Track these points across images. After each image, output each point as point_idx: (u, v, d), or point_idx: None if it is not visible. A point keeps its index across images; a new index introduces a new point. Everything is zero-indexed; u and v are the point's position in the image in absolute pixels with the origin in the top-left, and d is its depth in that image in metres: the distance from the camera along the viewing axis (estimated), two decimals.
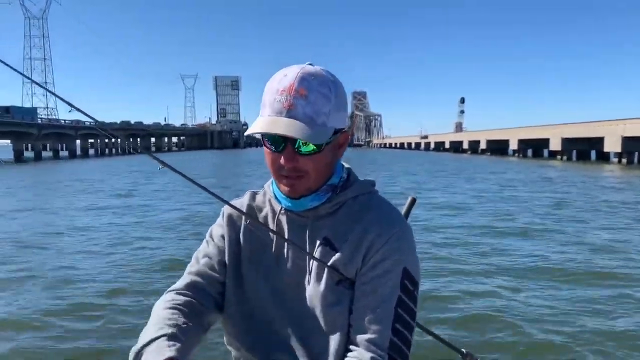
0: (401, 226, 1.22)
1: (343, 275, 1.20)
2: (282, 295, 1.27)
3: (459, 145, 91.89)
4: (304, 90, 1.13)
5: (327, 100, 1.15)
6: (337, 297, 1.20)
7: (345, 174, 1.31)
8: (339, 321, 1.20)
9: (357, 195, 1.28)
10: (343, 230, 1.23)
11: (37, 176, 33.78)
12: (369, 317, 1.16)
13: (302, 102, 1.12)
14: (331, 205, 1.26)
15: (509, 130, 69.38)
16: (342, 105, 1.19)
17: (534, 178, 28.29)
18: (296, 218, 1.28)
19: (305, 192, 1.23)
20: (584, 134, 48.47)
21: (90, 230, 12.00)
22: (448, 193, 20.47)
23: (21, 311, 6.21)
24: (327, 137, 1.16)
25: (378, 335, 1.14)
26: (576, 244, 10.04)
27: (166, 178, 26.51)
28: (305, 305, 1.24)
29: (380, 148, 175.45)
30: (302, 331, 1.24)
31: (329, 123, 1.16)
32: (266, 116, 1.15)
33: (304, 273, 1.25)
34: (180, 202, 17.03)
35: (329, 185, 1.26)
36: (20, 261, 8.76)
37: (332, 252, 1.22)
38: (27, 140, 78.55)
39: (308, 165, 1.18)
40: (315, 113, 1.13)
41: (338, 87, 1.19)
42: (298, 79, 1.13)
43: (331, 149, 1.22)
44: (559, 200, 17.29)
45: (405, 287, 1.18)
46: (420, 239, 8.57)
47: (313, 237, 1.25)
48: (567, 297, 6.67)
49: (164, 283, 6.84)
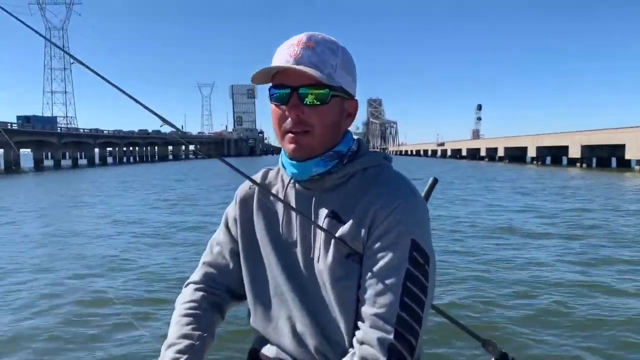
0: (408, 198, 1.17)
1: (352, 249, 1.17)
2: (294, 269, 1.26)
3: (476, 152, 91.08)
4: (311, 43, 1.17)
5: (333, 54, 1.18)
6: (346, 271, 1.18)
7: (355, 145, 1.28)
8: (348, 295, 1.17)
9: (367, 167, 1.25)
10: (350, 203, 1.20)
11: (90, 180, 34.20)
12: (375, 290, 1.12)
13: (309, 52, 1.16)
14: (339, 177, 1.23)
15: (527, 137, 68.59)
16: (350, 68, 1.22)
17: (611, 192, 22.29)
18: (303, 191, 1.27)
19: (310, 152, 1.20)
20: (604, 141, 47.78)
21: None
22: (497, 211, 16.26)
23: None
24: (331, 82, 1.16)
25: (385, 310, 1.09)
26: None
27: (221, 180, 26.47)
28: (315, 279, 1.22)
29: (396, 155, 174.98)
30: (312, 306, 1.22)
31: (336, 77, 1.18)
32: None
33: (313, 247, 1.23)
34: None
35: (335, 152, 1.23)
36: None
37: (339, 225, 1.19)
38: (47, 149, 79.79)
39: (313, 118, 1.17)
40: (321, 62, 1.16)
41: (346, 51, 1.23)
42: (306, 35, 1.20)
43: (338, 109, 1.21)
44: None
45: (415, 260, 1.12)
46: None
47: (320, 210, 1.23)
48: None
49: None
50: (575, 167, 50.42)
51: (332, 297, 1.19)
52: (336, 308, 1.18)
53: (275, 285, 1.28)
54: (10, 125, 67.73)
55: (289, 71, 1.15)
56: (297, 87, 1.16)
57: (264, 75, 1.19)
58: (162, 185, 30.53)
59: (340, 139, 1.25)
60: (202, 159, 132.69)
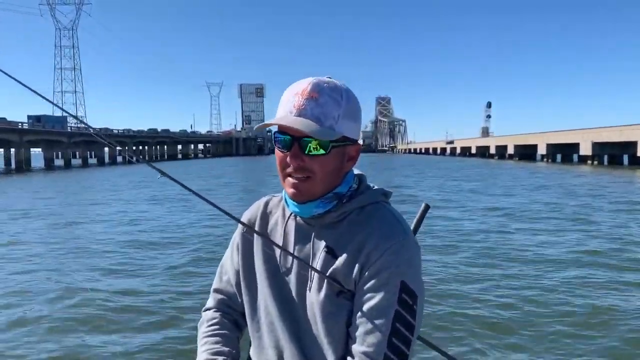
0: (400, 238, 1.20)
1: (343, 287, 1.21)
2: (286, 300, 1.29)
3: (486, 150, 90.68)
4: (315, 94, 1.18)
5: (337, 104, 1.19)
6: (337, 307, 1.21)
7: (356, 183, 1.30)
8: (337, 332, 1.21)
9: (365, 205, 1.27)
10: (345, 240, 1.23)
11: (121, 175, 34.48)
12: (364, 329, 1.16)
13: (312, 103, 1.17)
14: (337, 215, 1.26)
15: (537, 134, 68.18)
16: (354, 115, 1.23)
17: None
18: (303, 225, 1.30)
19: (310, 197, 1.23)
20: (615, 138, 47.34)
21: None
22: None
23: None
24: (332, 137, 1.18)
25: (373, 349, 1.15)
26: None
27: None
28: (306, 312, 1.25)
29: (405, 153, 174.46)
30: (301, 337, 1.26)
31: (338, 128, 1.19)
32: (277, 116, 1.22)
33: (307, 281, 1.26)
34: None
35: (335, 193, 1.26)
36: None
37: (333, 261, 1.22)
38: (57, 149, 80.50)
39: (314, 166, 1.20)
40: (323, 115, 1.17)
41: (351, 98, 1.22)
42: (311, 84, 1.20)
43: (339, 157, 1.23)
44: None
45: (404, 301, 1.17)
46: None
47: (317, 245, 1.27)
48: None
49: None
50: (586, 165, 50.01)
51: (321, 331, 1.22)
52: (325, 341, 1.22)
53: (267, 313, 1.32)
54: (21, 124, 68.26)
55: (295, 125, 1.17)
56: (299, 137, 1.19)
57: (268, 126, 1.23)
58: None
59: (340, 181, 1.28)
60: (211, 157, 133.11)
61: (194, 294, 7.31)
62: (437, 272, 8.32)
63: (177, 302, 6.96)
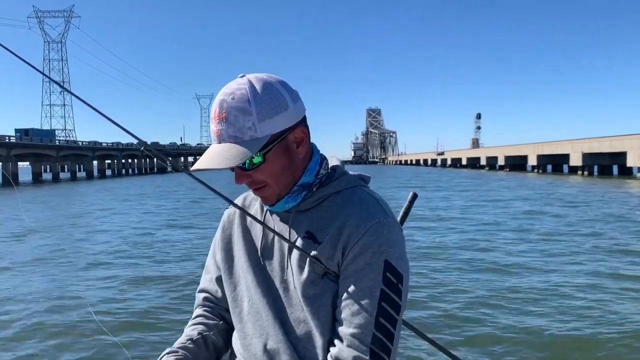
0: (380, 218, 1.20)
1: (327, 268, 1.21)
2: (270, 288, 1.29)
3: (477, 161, 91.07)
4: (223, 114, 1.16)
5: (246, 114, 1.15)
6: (321, 289, 1.21)
7: (325, 168, 1.30)
8: (323, 313, 1.21)
9: (341, 189, 1.28)
10: (325, 224, 1.24)
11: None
12: (351, 311, 1.16)
13: (224, 125, 1.16)
14: (313, 201, 1.27)
15: (528, 145, 68.54)
16: (274, 108, 1.17)
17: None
18: (281, 213, 1.31)
19: (276, 198, 1.25)
20: (606, 148, 47.58)
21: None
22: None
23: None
24: (258, 148, 1.16)
25: (360, 330, 1.14)
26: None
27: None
28: (290, 297, 1.26)
29: (396, 165, 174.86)
30: (286, 323, 1.26)
31: (260, 133, 1.16)
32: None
33: (289, 265, 1.27)
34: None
35: (301, 185, 1.25)
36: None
37: (314, 245, 1.23)
38: (45, 162, 79.56)
39: (260, 176, 1.21)
40: (239, 131, 1.15)
41: (260, 95, 1.17)
42: (218, 104, 1.18)
43: (282, 153, 1.21)
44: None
45: (388, 280, 1.16)
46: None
47: (296, 230, 1.27)
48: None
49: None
50: (577, 175, 50.23)
51: (308, 315, 1.22)
52: (312, 324, 1.21)
53: (252, 303, 1.31)
54: (9, 138, 67.44)
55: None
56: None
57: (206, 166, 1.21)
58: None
59: (301, 171, 1.26)
60: (203, 170, 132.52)
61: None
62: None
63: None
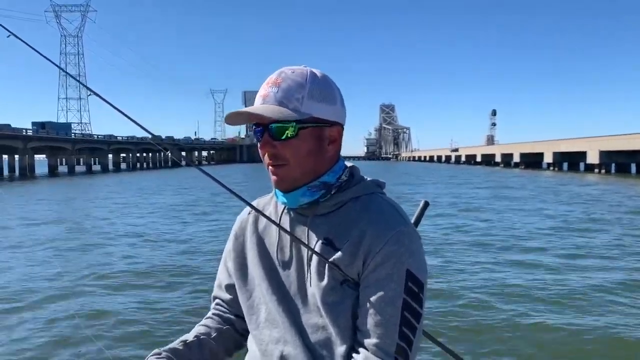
0: (400, 227, 1.19)
1: (347, 275, 1.19)
2: (287, 293, 1.28)
3: (491, 158, 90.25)
4: (279, 80, 1.20)
5: (300, 86, 1.19)
6: (340, 296, 1.20)
7: (346, 175, 1.29)
8: (343, 322, 1.20)
9: (360, 195, 1.26)
10: (343, 231, 1.22)
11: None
12: (375, 320, 1.15)
13: (276, 89, 1.19)
14: (331, 205, 1.25)
15: (544, 142, 67.76)
16: (324, 96, 1.21)
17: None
18: (297, 218, 1.29)
19: (292, 183, 1.23)
20: (623, 146, 46.87)
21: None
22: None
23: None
24: (295, 117, 1.17)
25: (385, 340, 1.14)
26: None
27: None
28: (308, 303, 1.24)
29: (409, 161, 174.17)
30: (304, 329, 1.24)
31: (303, 109, 1.18)
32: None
33: (306, 271, 1.25)
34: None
35: (321, 182, 1.25)
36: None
37: (333, 252, 1.21)
38: (61, 155, 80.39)
39: (286, 151, 1.20)
40: (286, 98, 1.18)
41: (317, 80, 1.22)
42: (277, 72, 1.23)
43: (314, 139, 1.22)
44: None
45: (410, 290, 1.16)
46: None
47: (313, 236, 1.25)
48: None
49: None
50: (594, 174, 49.55)
51: (327, 320, 1.20)
52: (332, 331, 1.20)
53: (268, 310, 1.29)
54: (25, 131, 68.22)
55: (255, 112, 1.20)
56: (267, 125, 1.20)
57: (238, 117, 1.22)
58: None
59: (326, 167, 1.26)
60: (214, 165, 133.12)
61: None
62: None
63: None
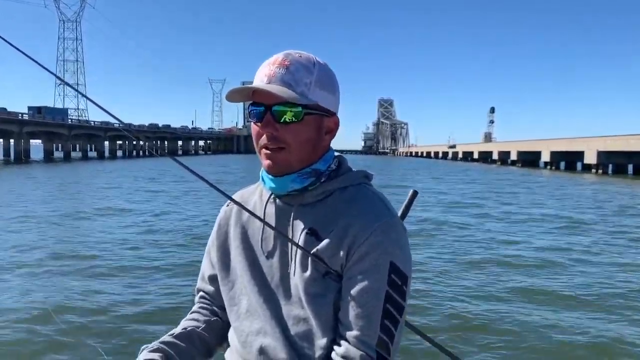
0: (386, 218, 1.18)
1: (329, 267, 1.18)
2: (268, 284, 1.26)
3: (489, 155, 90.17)
4: (286, 61, 1.18)
5: (308, 72, 1.18)
6: (323, 288, 1.19)
7: (335, 164, 1.28)
8: (323, 313, 1.18)
9: (347, 186, 1.25)
10: (329, 221, 1.21)
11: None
12: (356, 312, 1.14)
13: (283, 70, 1.17)
14: (318, 194, 1.24)
15: (541, 141, 67.64)
16: (328, 85, 1.21)
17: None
18: (282, 206, 1.27)
19: (286, 168, 1.21)
20: (621, 147, 46.79)
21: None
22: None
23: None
24: (303, 102, 1.16)
25: (366, 332, 1.13)
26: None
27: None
28: (290, 294, 1.23)
29: (406, 157, 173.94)
30: (285, 320, 1.23)
31: (310, 95, 1.17)
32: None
33: (290, 261, 1.24)
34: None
35: (313, 169, 1.23)
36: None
37: (317, 243, 1.19)
38: (57, 141, 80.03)
39: (287, 135, 1.18)
40: (294, 81, 1.16)
41: (324, 69, 1.22)
42: (283, 54, 1.20)
43: (314, 127, 1.21)
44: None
45: (393, 282, 1.15)
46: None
47: (298, 226, 1.23)
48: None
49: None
50: (591, 173, 49.48)
51: (308, 312, 1.19)
52: (313, 323, 1.19)
53: (249, 301, 1.28)
54: (22, 115, 67.67)
55: (264, 90, 1.16)
56: (270, 106, 1.17)
57: (240, 94, 1.21)
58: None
59: (319, 155, 1.25)
60: (211, 154, 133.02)
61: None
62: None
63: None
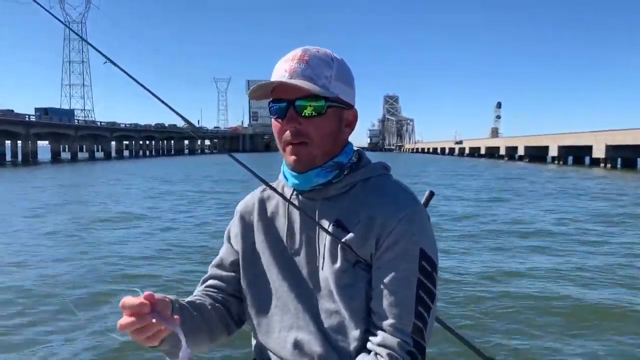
0: (413, 207, 1.20)
1: (359, 257, 1.18)
2: (297, 279, 1.26)
3: (496, 151, 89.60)
4: (306, 57, 1.20)
5: (328, 66, 1.20)
6: (353, 278, 1.19)
7: (355, 157, 1.30)
8: (355, 304, 1.19)
9: (369, 177, 1.27)
10: (354, 213, 1.22)
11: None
12: (390, 300, 1.14)
13: (303, 65, 1.19)
14: (342, 186, 1.25)
15: (549, 136, 67.12)
16: (346, 78, 1.23)
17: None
18: (306, 201, 1.28)
19: (310, 163, 1.22)
20: (630, 141, 46.37)
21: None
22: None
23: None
24: (326, 94, 1.18)
25: (401, 320, 1.13)
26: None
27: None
28: (320, 287, 1.23)
29: (412, 153, 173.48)
30: (317, 313, 1.23)
31: (331, 88, 1.19)
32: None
33: (317, 255, 1.24)
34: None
35: (335, 162, 1.24)
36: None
37: (344, 234, 1.20)
38: (64, 142, 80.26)
39: (310, 129, 1.19)
40: (315, 75, 1.18)
41: (342, 63, 1.24)
42: (301, 49, 1.23)
43: (336, 120, 1.23)
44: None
45: (424, 269, 1.16)
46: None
47: (324, 218, 1.24)
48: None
49: None
50: (599, 168, 49.09)
51: (340, 305, 1.19)
52: (345, 314, 1.19)
53: (278, 296, 1.28)
54: (29, 117, 67.97)
55: (285, 85, 1.18)
56: (293, 100, 1.18)
57: (261, 91, 1.22)
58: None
59: (340, 149, 1.27)
60: (217, 153, 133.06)
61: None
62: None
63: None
